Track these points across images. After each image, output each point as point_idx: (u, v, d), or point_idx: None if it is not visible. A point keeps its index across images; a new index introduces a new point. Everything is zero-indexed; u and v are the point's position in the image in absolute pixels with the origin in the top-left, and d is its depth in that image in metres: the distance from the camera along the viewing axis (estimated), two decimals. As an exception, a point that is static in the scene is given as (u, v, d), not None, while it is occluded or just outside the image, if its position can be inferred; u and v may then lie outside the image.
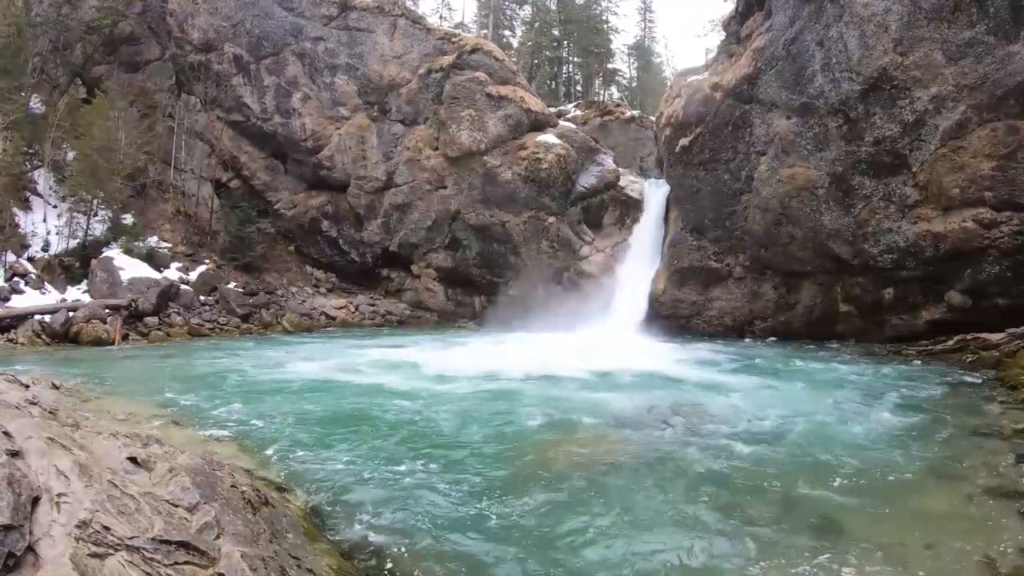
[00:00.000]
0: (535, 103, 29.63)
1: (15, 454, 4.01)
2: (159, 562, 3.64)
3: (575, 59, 52.19)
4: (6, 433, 4.20)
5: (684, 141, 22.95)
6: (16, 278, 23.37)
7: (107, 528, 3.65)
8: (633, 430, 9.36)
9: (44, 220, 26.94)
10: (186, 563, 3.76)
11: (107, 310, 22.21)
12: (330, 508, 6.27)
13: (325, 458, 7.77)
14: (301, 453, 7.93)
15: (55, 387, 9.66)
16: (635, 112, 37.24)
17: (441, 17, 51.96)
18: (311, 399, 11.38)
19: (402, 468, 7.46)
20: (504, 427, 9.43)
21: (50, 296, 23.43)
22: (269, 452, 7.94)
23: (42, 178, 28.62)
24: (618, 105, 39.49)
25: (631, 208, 28.29)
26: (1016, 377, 12.05)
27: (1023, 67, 14.74)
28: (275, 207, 33.64)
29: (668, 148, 24.34)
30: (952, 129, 15.99)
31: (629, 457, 7.96)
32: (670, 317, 24.05)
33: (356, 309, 30.62)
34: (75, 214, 26.76)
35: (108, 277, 24.20)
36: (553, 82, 50.59)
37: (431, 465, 7.58)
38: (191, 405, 10.56)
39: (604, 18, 51.81)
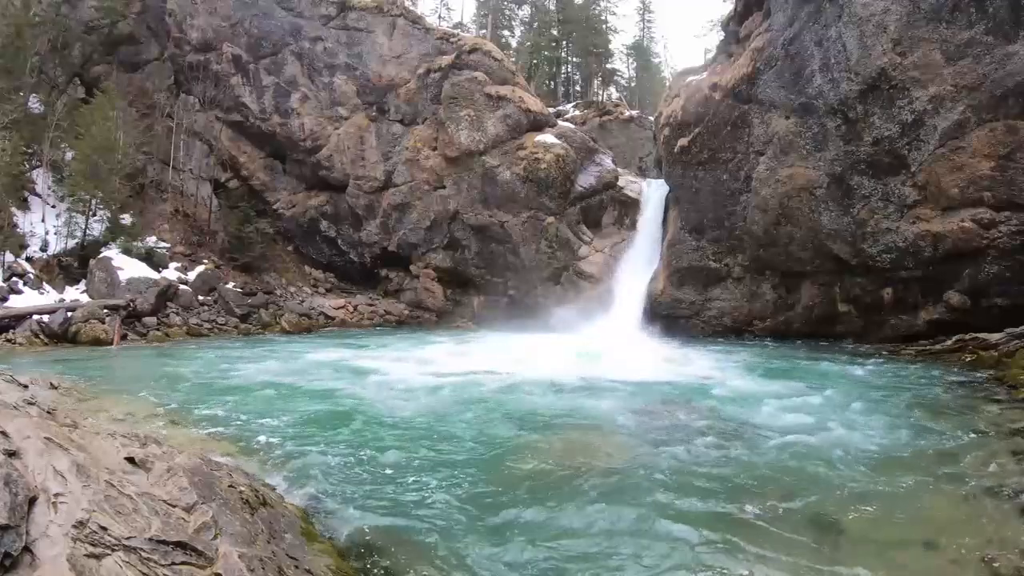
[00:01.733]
0: (534, 103, 29.64)
1: (12, 454, 3.99)
2: (156, 562, 3.63)
3: (574, 59, 52.13)
4: (3, 433, 4.18)
5: (683, 141, 22.94)
6: (15, 278, 23.33)
7: (104, 528, 3.64)
8: (628, 430, 9.36)
9: (43, 220, 26.90)
10: (184, 563, 3.75)
11: (105, 310, 22.18)
12: (328, 508, 6.26)
13: (323, 458, 7.76)
14: (299, 453, 7.92)
15: (53, 387, 9.66)
16: (634, 112, 37.30)
17: (440, 17, 51.97)
18: (308, 400, 11.37)
19: (398, 469, 7.45)
20: (501, 430, 9.41)
21: (48, 296, 23.39)
22: (267, 452, 7.93)
23: (41, 178, 28.59)
24: (617, 105, 39.53)
25: (630, 208, 28.32)
26: (1015, 377, 12.05)
27: (1022, 67, 14.74)
28: (274, 207, 33.65)
29: (667, 148, 24.34)
30: (951, 129, 15.98)
31: (624, 458, 7.95)
32: (669, 317, 24.05)
33: (355, 309, 30.58)
34: (74, 214, 26.71)
35: (107, 277, 24.17)
36: (552, 82, 50.53)
37: (427, 467, 7.57)
38: (189, 405, 10.54)
39: (603, 18, 51.73)
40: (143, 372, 15.06)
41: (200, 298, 26.33)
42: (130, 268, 24.71)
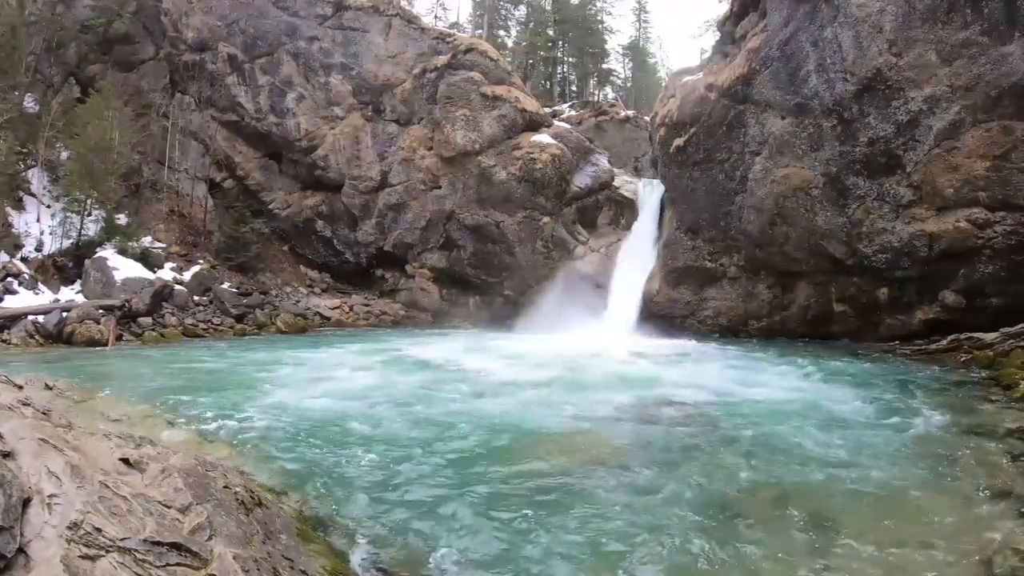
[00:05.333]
0: (530, 103, 29.63)
1: (7, 455, 3.98)
2: (151, 563, 3.62)
3: (570, 59, 52.21)
4: (-3, 434, 4.17)
5: (679, 141, 22.96)
6: (9, 278, 23.24)
7: (99, 529, 3.63)
8: (621, 431, 9.37)
9: (38, 220, 26.80)
10: (178, 564, 3.74)
11: (101, 310, 22.12)
12: (323, 508, 6.25)
13: (318, 458, 7.76)
14: (294, 453, 7.92)
15: (48, 388, 9.60)
16: (630, 112, 37.31)
17: (436, 17, 51.89)
18: (304, 400, 11.34)
19: (392, 470, 7.45)
20: (498, 430, 9.41)
21: (44, 296, 23.31)
22: (262, 452, 7.91)
23: (36, 178, 28.47)
24: (613, 105, 39.52)
25: (626, 208, 28.34)
26: (1010, 376, 12.08)
27: (1017, 68, 14.77)
28: (270, 207, 33.60)
29: (663, 148, 24.36)
30: (946, 129, 16.01)
31: (618, 460, 7.94)
32: (665, 317, 24.07)
33: (351, 309, 30.54)
34: (69, 214, 26.60)
35: (102, 277, 24.11)
36: (548, 82, 50.60)
37: (422, 467, 7.57)
38: (184, 406, 10.51)
39: (599, 18, 51.82)
40: (138, 373, 15.01)
41: (196, 298, 26.27)
42: (125, 268, 24.63)
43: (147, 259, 26.24)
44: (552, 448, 8.31)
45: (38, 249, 25.71)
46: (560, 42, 50.60)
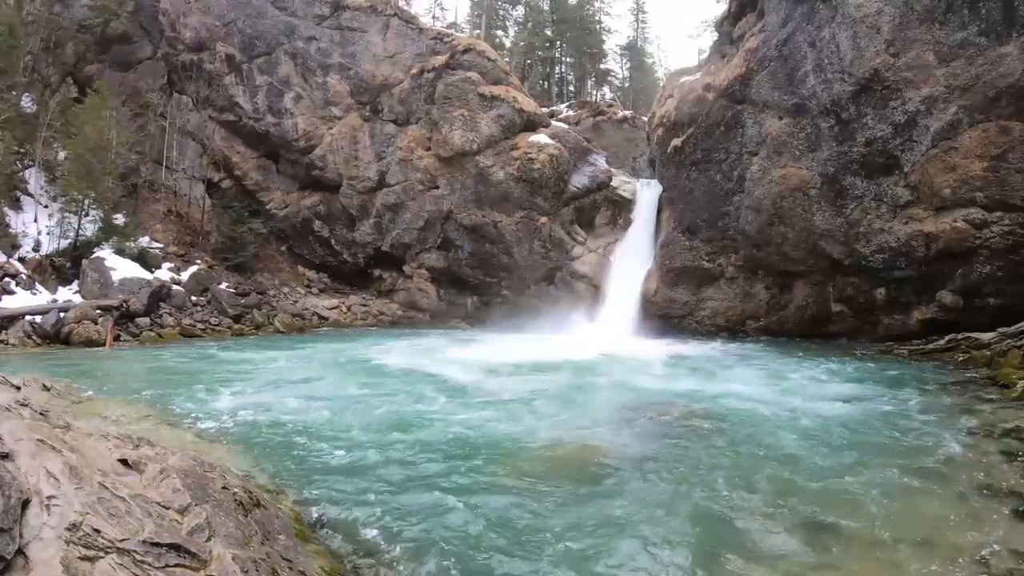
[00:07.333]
0: (528, 103, 29.61)
1: (5, 456, 3.97)
2: (150, 564, 3.62)
3: (568, 59, 52.23)
4: (-5, 435, 4.17)
5: (676, 141, 22.97)
6: (7, 278, 23.19)
7: (97, 530, 3.62)
8: (616, 433, 9.36)
9: (35, 220, 26.76)
10: (177, 565, 3.74)
11: (98, 311, 22.07)
12: (322, 509, 6.25)
13: (316, 459, 7.76)
14: (293, 454, 7.92)
15: (46, 388, 9.59)
16: (628, 112, 37.29)
17: (434, 17, 51.86)
18: (301, 401, 11.35)
19: (390, 470, 7.45)
20: (494, 434, 9.41)
21: (41, 297, 23.26)
22: (261, 453, 7.91)
23: (33, 178, 28.44)
24: (611, 105, 39.53)
25: (623, 208, 28.33)
26: (1007, 376, 12.09)
27: (1015, 68, 14.80)
28: (267, 207, 33.58)
29: (661, 148, 24.37)
30: (944, 130, 16.05)
31: (614, 461, 7.94)
32: (663, 317, 24.08)
33: (348, 309, 30.54)
34: (66, 214, 26.55)
35: (99, 277, 24.06)
36: (546, 82, 50.60)
37: (419, 468, 7.57)
38: (182, 406, 10.51)
39: (597, 18, 51.85)
40: (136, 373, 15.01)
41: (193, 298, 26.24)
42: (123, 268, 24.59)
43: (145, 259, 26.21)
44: (547, 454, 8.32)
45: (35, 249, 25.67)
46: (558, 42, 50.62)
